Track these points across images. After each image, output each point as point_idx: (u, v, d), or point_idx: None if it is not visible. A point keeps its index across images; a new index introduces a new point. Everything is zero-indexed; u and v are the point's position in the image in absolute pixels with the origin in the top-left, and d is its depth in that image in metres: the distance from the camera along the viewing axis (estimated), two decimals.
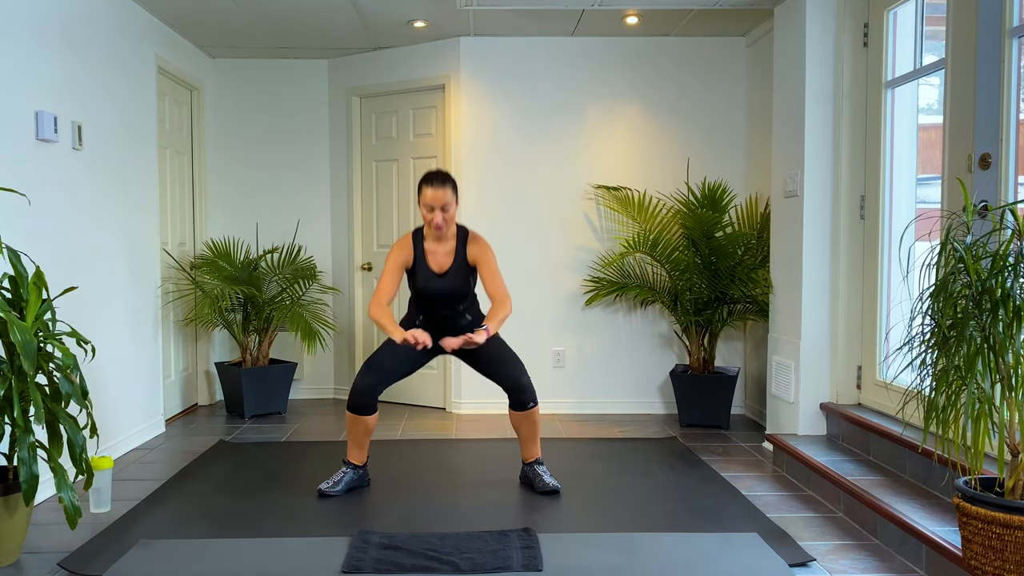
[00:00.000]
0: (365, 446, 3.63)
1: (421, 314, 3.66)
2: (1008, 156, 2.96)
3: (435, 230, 3.51)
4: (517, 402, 3.60)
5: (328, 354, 5.95)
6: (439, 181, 3.48)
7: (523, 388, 3.58)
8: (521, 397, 3.58)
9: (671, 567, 2.72)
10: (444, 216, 3.49)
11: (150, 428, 4.67)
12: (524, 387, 3.58)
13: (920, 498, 3.06)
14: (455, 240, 3.60)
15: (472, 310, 3.69)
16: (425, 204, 3.49)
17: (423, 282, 3.57)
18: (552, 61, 5.32)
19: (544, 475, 3.63)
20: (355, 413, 3.54)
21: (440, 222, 3.49)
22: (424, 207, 3.50)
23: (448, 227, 3.54)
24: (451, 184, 3.50)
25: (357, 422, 3.56)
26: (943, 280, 2.37)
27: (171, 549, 2.89)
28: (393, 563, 2.71)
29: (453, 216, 3.53)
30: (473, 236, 3.61)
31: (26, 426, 2.68)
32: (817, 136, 4.04)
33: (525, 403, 3.59)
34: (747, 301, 4.86)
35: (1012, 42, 2.95)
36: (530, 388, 3.59)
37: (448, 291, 3.57)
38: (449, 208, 3.49)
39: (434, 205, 3.48)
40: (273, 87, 5.83)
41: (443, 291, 3.57)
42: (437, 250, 3.59)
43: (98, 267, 4.09)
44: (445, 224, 3.50)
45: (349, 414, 3.57)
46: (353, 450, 3.62)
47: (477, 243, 3.59)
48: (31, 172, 3.48)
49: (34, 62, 3.51)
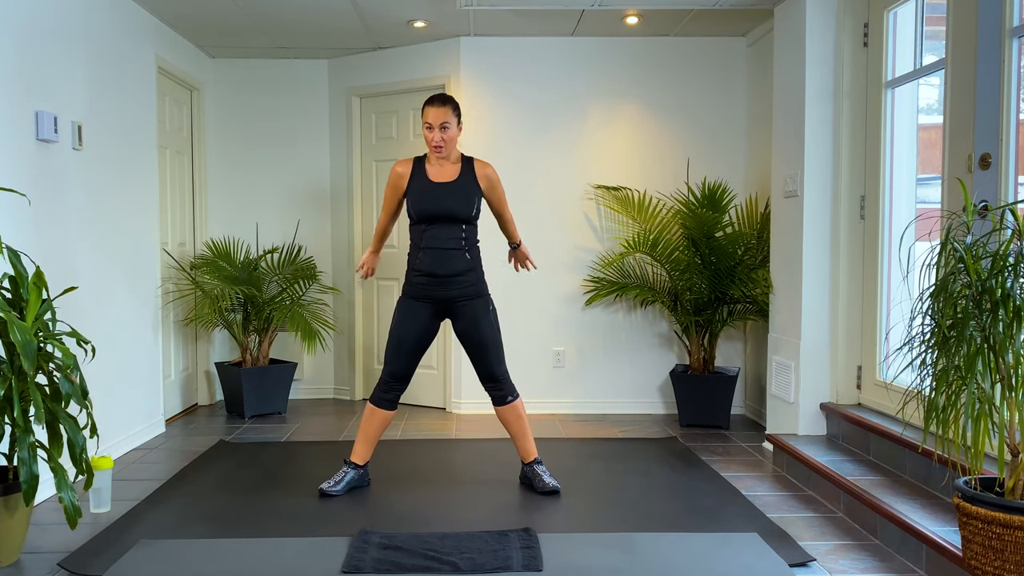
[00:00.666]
0: (373, 444, 3.62)
1: (419, 250, 3.52)
2: (1008, 156, 2.96)
3: (435, 150, 3.46)
4: (496, 398, 3.60)
5: (328, 354, 5.95)
6: (439, 101, 3.46)
7: (496, 379, 3.56)
8: (498, 392, 3.58)
9: (671, 567, 2.72)
10: (444, 136, 3.45)
11: (150, 428, 4.67)
12: (497, 378, 3.56)
13: (920, 498, 3.06)
14: (460, 164, 3.56)
15: (473, 250, 3.55)
16: (426, 123, 3.46)
17: (422, 191, 3.47)
18: (552, 61, 5.32)
19: (544, 475, 3.63)
20: (377, 406, 3.56)
21: (439, 140, 3.44)
22: (425, 127, 3.47)
23: (448, 147, 3.49)
24: (452, 104, 3.48)
25: (375, 415, 3.57)
26: (943, 280, 2.37)
27: (171, 549, 2.89)
28: (393, 563, 2.71)
29: (454, 137, 3.48)
30: (480, 160, 3.59)
31: (26, 426, 2.68)
32: (817, 136, 4.04)
33: (503, 398, 3.59)
34: (747, 301, 4.86)
35: (1012, 42, 2.95)
36: (505, 381, 3.58)
37: (449, 204, 3.45)
38: (449, 128, 3.45)
39: (433, 123, 3.45)
40: (273, 87, 5.83)
41: (443, 204, 3.45)
42: (440, 166, 3.54)
43: (98, 267, 4.09)
44: (445, 144, 3.46)
45: (369, 405, 3.57)
46: (359, 447, 3.62)
47: (486, 167, 3.56)
48: (31, 172, 3.48)
49: (34, 62, 3.51)
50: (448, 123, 3.45)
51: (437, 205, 3.46)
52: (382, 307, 5.75)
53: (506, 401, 3.60)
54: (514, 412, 3.62)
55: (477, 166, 3.57)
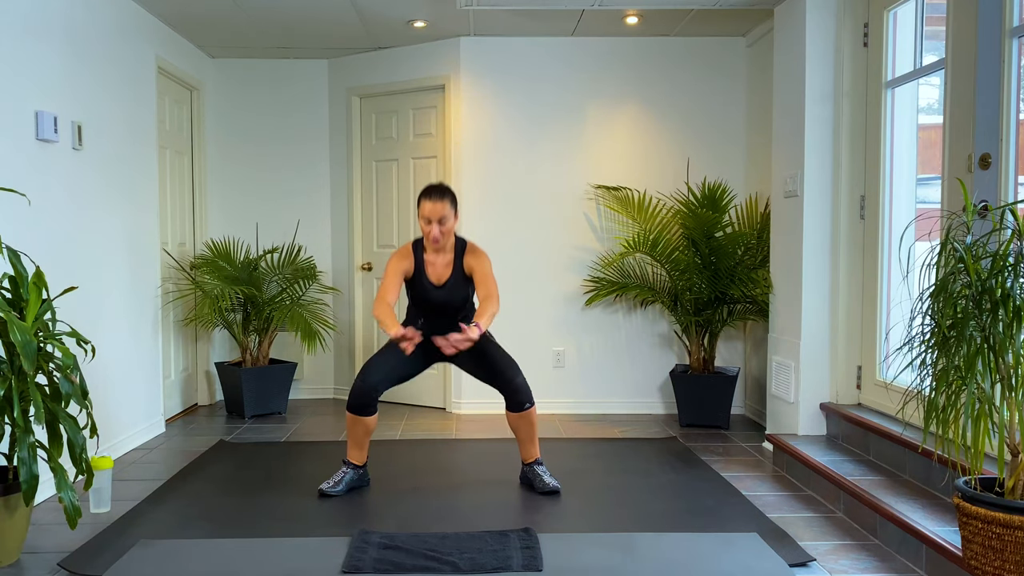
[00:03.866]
0: (365, 446, 3.63)
1: (420, 319, 3.71)
2: (1008, 156, 2.96)
3: (432, 243, 3.54)
4: (514, 403, 3.60)
5: (328, 354, 5.95)
6: (437, 194, 3.49)
7: (518, 389, 3.58)
8: (517, 398, 3.59)
9: (671, 567, 2.72)
10: (441, 229, 3.51)
11: (150, 428, 4.67)
12: (519, 388, 3.58)
13: (920, 498, 3.06)
14: (453, 252, 3.62)
15: (470, 316, 3.73)
16: (423, 217, 3.51)
17: (422, 293, 3.62)
18: (552, 61, 5.32)
19: (544, 475, 3.63)
20: (355, 414, 3.54)
21: (437, 235, 3.51)
22: (422, 220, 3.52)
23: (445, 239, 3.56)
24: (450, 197, 3.52)
25: (357, 423, 3.56)
26: (943, 280, 2.37)
27: (171, 549, 2.89)
28: (393, 563, 2.71)
29: (451, 229, 3.56)
30: (471, 248, 3.63)
31: (26, 426, 2.68)
32: (817, 136, 4.04)
33: (521, 404, 3.59)
34: (747, 301, 4.86)
35: (1012, 42, 2.95)
36: (525, 388, 3.59)
37: (446, 302, 3.62)
38: (446, 221, 3.51)
39: (431, 218, 3.50)
40: (273, 87, 5.83)
41: (441, 302, 3.62)
42: (436, 261, 3.62)
43: (98, 267, 4.09)
44: (442, 237, 3.52)
45: (349, 414, 3.57)
46: (353, 450, 3.63)
47: (474, 254, 3.61)
48: (31, 172, 3.48)
49: (34, 62, 3.51)
50: (445, 217, 3.50)
51: (435, 305, 3.63)
52: None
53: (523, 407, 3.61)
54: (527, 419, 3.63)
55: (466, 258, 3.61)
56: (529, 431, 3.65)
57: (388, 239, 5.69)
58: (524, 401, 3.59)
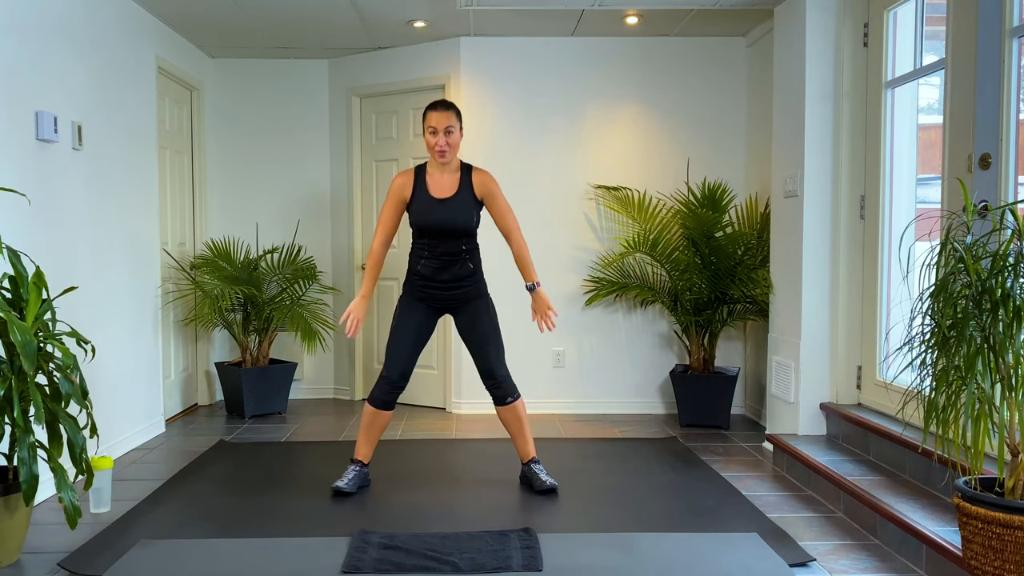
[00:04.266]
0: (374, 444, 3.63)
1: (422, 258, 3.55)
2: (1008, 156, 2.96)
3: (438, 155, 3.44)
4: (495, 396, 3.61)
5: (328, 354, 5.95)
6: (443, 106, 3.45)
7: (495, 378, 3.57)
8: (496, 391, 3.59)
9: (671, 567, 2.72)
10: (448, 140, 3.43)
11: (150, 428, 4.67)
12: (497, 378, 3.57)
13: (920, 498, 3.06)
14: (459, 172, 3.54)
15: (474, 256, 3.58)
16: (429, 127, 3.44)
17: (423, 209, 3.47)
18: (552, 61, 5.32)
19: (541, 474, 3.63)
20: (376, 408, 3.55)
21: (444, 145, 3.42)
22: (428, 133, 3.44)
23: (452, 153, 3.46)
24: (455, 110, 3.47)
25: (377, 417, 3.56)
26: (943, 280, 2.37)
27: (171, 549, 2.89)
28: (393, 563, 2.71)
29: (457, 143, 3.46)
30: (478, 169, 3.56)
31: (26, 426, 2.68)
32: (817, 136, 4.04)
33: (503, 398, 3.59)
34: (747, 301, 4.86)
35: (1012, 42, 2.95)
36: (507, 382, 3.57)
37: (449, 222, 3.46)
38: (453, 132, 3.43)
39: (438, 128, 3.42)
40: (273, 87, 5.83)
41: (443, 221, 3.46)
42: (440, 178, 3.52)
43: (98, 267, 4.09)
44: (449, 149, 3.44)
45: (369, 408, 3.56)
46: (363, 447, 3.62)
47: (483, 175, 3.54)
48: (31, 172, 3.48)
49: (34, 62, 3.51)
50: (452, 127, 3.44)
51: (437, 222, 3.47)
52: (382, 307, 5.75)
53: (506, 401, 3.61)
54: (513, 412, 3.63)
55: (475, 176, 3.54)
56: (518, 426, 3.64)
57: None
58: (506, 395, 3.59)
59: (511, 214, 3.58)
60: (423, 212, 3.48)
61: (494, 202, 3.56)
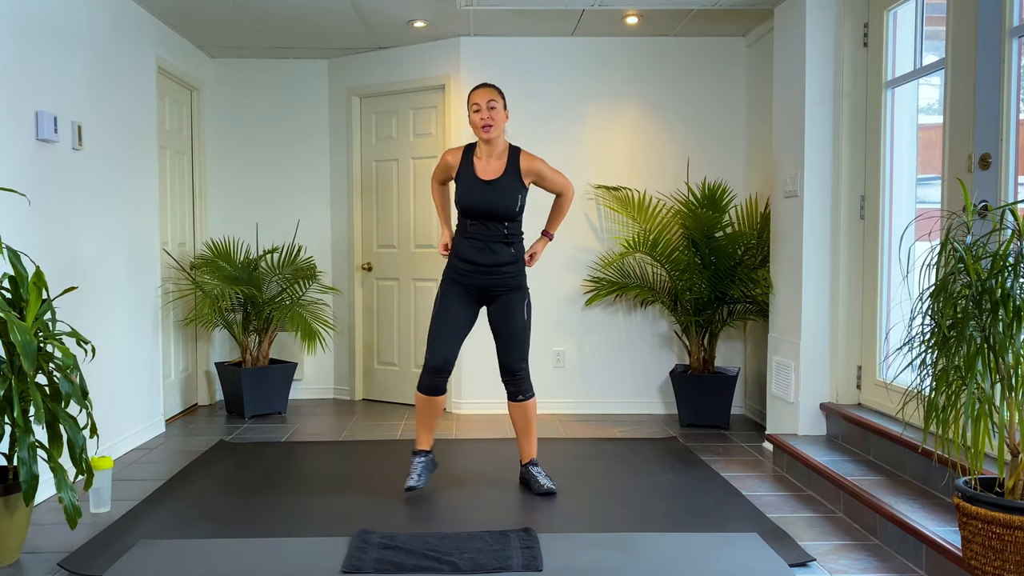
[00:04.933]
0: (433, 429, 3.62)
1: (464, 239, 3.54)
2: (1008, 156, 2.96)
3: (483, 131, 3.44)
4: (509, 391, 3.61)
5: (328, 354, 5.95)
6: (484, 86, 3.49)
7: (514, 373, 3.56)
8: (511, 386, 3.59)
9: (671, 567, 2.72)
10: (492, 114, 3.43)
11: (150, 428, 4.67)
12: (515, 373, 3.56)
13: (920, 498, 3.06)
14: (507, 155, 3.54)
15: (516, 243, 3.56)
16: (473, 104, 3.44)
17: (468, 190, 3.48)
18: (552, 61, 5.32)
19: (539, 476, 3.63)
20: (426, 394, 3.54)
21: (487, 118, 3.42)
22: (472, 110, 3.45)
23: (496, 128, 3.46)
24: (497, 89, 3.49)
25: (428, 403, 3.56)
26: (943, 280, 2.37)
27: (171, 549, 2.89)
28: (393, 563, 2.71)
29: (502, 119, 3.47)
30: (526, 152, 3.56)
31: (26, 426, 2.68)
32: (817, 136, 4.04)
33: (515, 394, 3.60)
34: (747, 301, 4.86)
35: (1012, 42, 2.95)
36: (523, 378, 3.57)
37: (492, 203, 3.46)
38: (496, 107, 3.44)
39: (481, 103, 3.42)
40: (273, 87, 5.83)
41: (487, 202, 3.46)
42: (488, 160, 3.52)
43: (98, 267, 4.09)
44: (494, 123, 3.43)
45: (420, 396, 3.56)
46: (423, 435, 3.62)
47: (530, 158, 3.54)
48: (31, 172, 3.48)
49: (34, 62, 3.51)
50: (495, 102, 3.44)
51: (481, 203, 3.47)
52: (382, 307, 5.75)
53: (517, 398, 3.61)
54: (522, 410, 3.63)
55: (523, 161, 3.53)
56: (525, 425, 3.65)
57: (388, 239, 5.69)
58: (518, 392, 3.59)
59: (560, 178, 3.63)
60: (467, 192, 3.48)
61: (544, 180, 3.60)
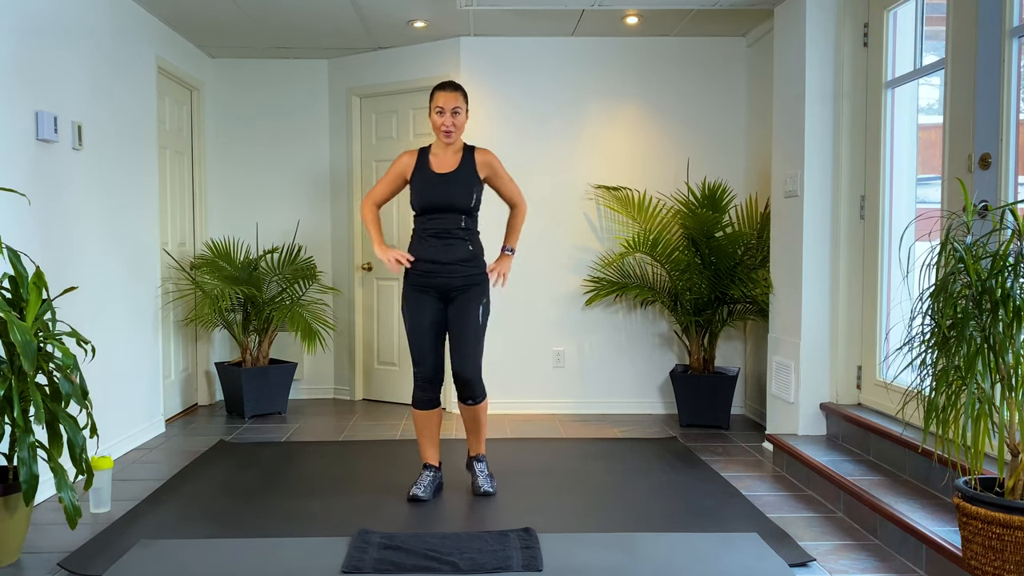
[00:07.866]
0: (437, 443, 3.60)
1: (421, 238, 3.50)
2: (1008, 156, 2.96)
3: (443, 135, 3.44)
4: (461, 394, 3.54)
5: (328, 354, 5.95)
6: (451, 87, 3.47)
7: (463, 379, 3.48)
8: (464, 391, 3.52)
9: (671, 567, 2.72)
10: (454, 121, 3.43)
11: (150, 428, 4.67)
12: (466, 378, 3.48)
13: (920, 498, 3.06)
14: (462, 151, 3.54)
15: (474, 240, 3.53)
16: (436, 107, 3.44)
17: (424, 183, 3.47)
18: (552, 61, 5.32)
19: (480, 477, 3.59)
20: (420, 409, 3.54)
21: (450, 125, 3.42)
22: (435, 112, 3.44)
23: (457, 133, 3.46)
24: (463, 91, 3.48)
25: (428, 419, 3.55)
26: (943, 280, 2.37)
27: (171, 549, 2.89)
28: (393, 563, 2.71)
29: (463, 124, 3.47)
30: (480, 148, 3.57)
31: (26, 426, 2.68)
32: (817, 136, 4.04)
33: (466, 398, 3.54)
34: (747, 301, 4.86)
35: (1012, 42, 2.95)
36: (475, 383, 3.49)
37: (449, 197, 3.44)
38: (459, 113, 3.44)
39: (445, 108, 3.42)
40: (273, 87, 5.83)
41: (444, 196, 3.44)
42: (443, 155, 3.52)
43: (98, 267, 4.09)
44: (455, 129, 3.44)
45: (415, 412, 3.55)
46: (428, 450, 3.59)
47: (485, 154, 3.55)
48: (31, 172, 3.48)
49: (34, 62, 3.51)
50: (459, 108, 3.44)
51: (437, 196, 3.45)
52: (382, 307, 5.75)
53: (468, 402, 3.56)
54: (473, 412, 3.58)
55: (477, 155, 3.55)
56: (475, 425, 3.60)
57: (388, 239, 5.69)
58: (467, 396, 3.53)
59: (514, 186, 3.63)
60: (424, 187, 3.47)
61: (497, 179, 3.59)
